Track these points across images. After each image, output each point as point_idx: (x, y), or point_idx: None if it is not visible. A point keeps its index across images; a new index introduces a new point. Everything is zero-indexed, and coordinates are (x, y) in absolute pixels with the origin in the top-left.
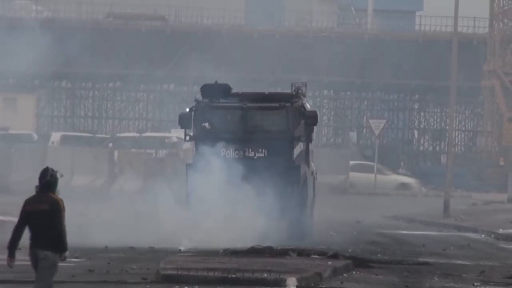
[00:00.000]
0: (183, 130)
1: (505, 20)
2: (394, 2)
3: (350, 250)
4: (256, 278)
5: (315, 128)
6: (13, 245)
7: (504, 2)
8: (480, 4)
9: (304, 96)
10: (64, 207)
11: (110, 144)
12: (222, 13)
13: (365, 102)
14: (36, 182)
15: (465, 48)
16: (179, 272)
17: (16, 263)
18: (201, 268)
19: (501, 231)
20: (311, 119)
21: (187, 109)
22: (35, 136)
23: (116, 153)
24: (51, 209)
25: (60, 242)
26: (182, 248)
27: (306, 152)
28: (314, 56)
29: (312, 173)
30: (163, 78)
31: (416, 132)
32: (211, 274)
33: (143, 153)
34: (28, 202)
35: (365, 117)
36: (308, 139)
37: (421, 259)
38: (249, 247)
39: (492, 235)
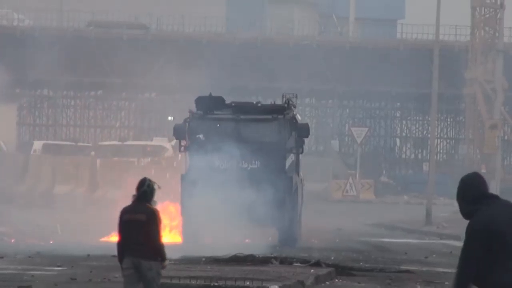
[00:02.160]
0: (177, 140)
1: (487, 28)
2: (375, 10)
3: (332, 258)
4: (238, 286)
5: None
6: (122, 256)
7: (485, 10)
8: (461, 12)
9: (294, 107)
10: (160, 218)
11: (92, 153)
12: (203, 21)
13: (347, 110)
14: (15, 190)
15: (446, 56)
16: (161, 281)
17: None
18: (184, 276)
19: None
20: (303, 131)
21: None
22: (3, 146)
23: (98, 161)
24: (148, 219)
25: (159, 251)
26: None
27: (297, 162)
28: (295, 64)
29: (301, 181)
30: (145, 86)
31: (398, 140)
32: (193, 282)
33: (125, 161)
34: (125, 212)
35: (347, 125)
36: (299, 150)
37: (403, 267)
38: (231, 255)
39: None
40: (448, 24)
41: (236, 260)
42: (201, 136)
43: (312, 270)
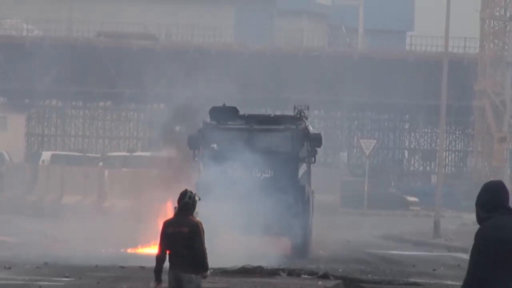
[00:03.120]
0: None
1: (496, 41)
2: (384, 22)
3: (340, 270)
4: None
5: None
6: (159, 270)
7: (495, 22)
8: (470, 24)
9: (306, 118)
10: (203, 230)
11: (101, 163)
12: (212, 32)
13: (356, 122)
14: (25, 199)
15: (455, 68)
16: None
17: (3, 282)
18: None
19: None
20: (316, 141)
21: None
22: (6, 156)
23: (106, 172)
24: (191, 232)
25: (202, 263)
26: None
27: (309, 173)
28: (304, 75)
29: (312, 192)
30: (154, 97)
31: (406, 152)
32: None
33: (133, 172)
34: (168, 225)
35: (355, 137)
36: (311, 160)
37: (411, 280)
38: (239, 267)
39: None
40: (457, 36)
41: (244, 271)
42: (214, 145)
43: (320, 282)
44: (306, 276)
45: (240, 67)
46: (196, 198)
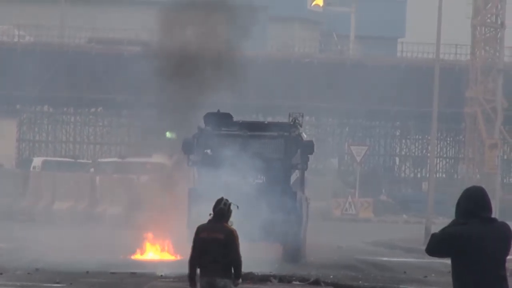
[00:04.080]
0: (186, 155)
1: (487, 48)
2: (376, 28)
3: (331, 276)
4: None
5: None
6: (194, 275)
7: (486, 29)
8: (462, 31)
9: (300, 125)
10: (238, 237)
11: (92, 169)
12: (204, 39)
13: (347, 129)
14: (16, 205)
15: (447, 75)
16: None
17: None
18: None
19: None
20: (308, 148)
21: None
22: None
23: (97, 178)
24: (226, 238)
25: (236, 270)
26: (163, 274)
27: (302, 179)
28: (296, 82)
29: (306, 199)
30: (145, 103)
31: (397, 159)
32: None
33: (125, 178)
34: (202, 230)
35: (346, 144)
36: (304, 167)
37: (402, 286)
38: None
39: None
40: (448, 43)
41: None
42: (208, 151)
43: None
44: (297, 283)
45: (232, 74)
46: (232, 208)
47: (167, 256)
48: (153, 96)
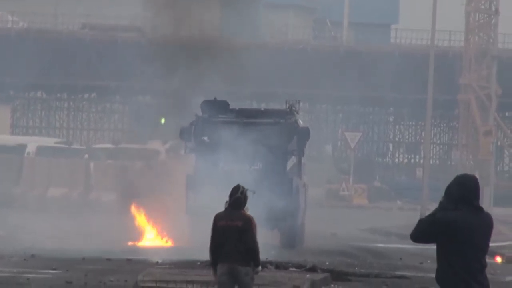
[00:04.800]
0: (184, 141)
1: (481, 34)
2: (369, 15)
3: (327, 263)
4: None
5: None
6: (216, 262)
7: (480, 16)
8: (455, 17)
9: (297, 112)
10: (255, 224)
11: (86, 156)
12: (198, 25)
13: (340, 115)
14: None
15: (440, 61)
16: (157, 285)
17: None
18: (180, 280)
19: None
20: (303, 134)
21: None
22: None
23: (92, 164)
24: (244, 226)
25: (254, 258)
26: (160, 260)
27: (299, 166)
28: (289, 69)
29: (304, 185)
30: (139, 90)
31: (391, 145)
32: (190, 286)
33: (119, 164)
34: (220, 218)
35: (340, 130)
36: (301, 153)
37: (398, 273)
38: None
39: None
40: (442, 30)
41: None
42: (205, 138)
43: (308, 275)
44: (294, 269)
45: (225, 61)
46: (248, 194)
47: (163, 243)
48: (147, 82)
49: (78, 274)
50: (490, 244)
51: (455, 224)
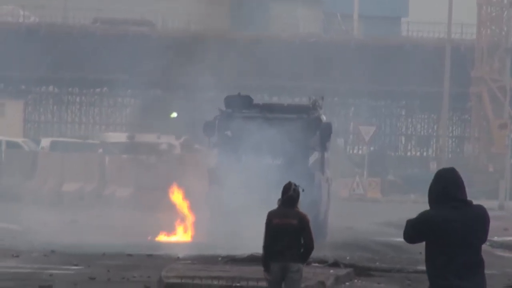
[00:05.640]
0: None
1: (493, 27)
2: (379, 8)
3: (347, 257)
4: (261, 286)
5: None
6: (267, 260)
7: (492, 8)
8: (467, 10)
9: (320, 108)
10: (309, 220)
11: (100, 150)
12: (208, 19)
13: (352, 109)
14: (24, 187)
15: (453, 54)
16: (183, 281)
17: (13, 270)
18: (205, 276)
19: (496, 238)
20: (326, 130)
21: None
22: (23, 145)
23: (107, 158)
24: (299, 223)
25: (307, 254)
26: (180, 256)
27: (321, 161)
28: (300, 62)
29: (327, 180)
30: (150, 84)
31: (403, 138)
32: (215, 282)
33: (134, 159)
34: (274, 216)
35: (351, 124)
36: (323, 149)
37: (420, 267)
38: (248, 255)
39: (488, 243)
40: (454, 22)
41: (253, 259)
42: (229, 133)
43: (331, 271)
44: (317, 264)
45: (236, 54)
46: (300, 190)
47: (182, 237)
48: (158, 76)
49: (100, 270)
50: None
51: (431, 221)
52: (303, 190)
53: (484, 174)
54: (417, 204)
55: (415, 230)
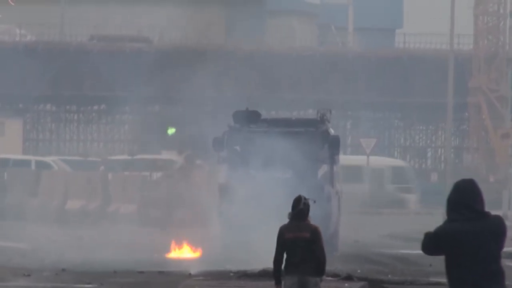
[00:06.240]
0: (216, 152)
1: (490, 37)
2: (373, 19)
3: (358, 270)
4: None
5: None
6: (279, 274)
7: (488, 18)
8: (463, 21)
9: (328, 121)
10: (321, 233)
11: (102, 167)
12: (204, 33)
13: (350, 121)
14: (28, 205)
15: (450, 64)
16: None
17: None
18: None
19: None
20: (334, 143)
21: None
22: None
23: (110, 176)
24: (312, 237)
25: (323, 267)
26: (192, 272)
27: (331, 174)
28: (297, 75)
29: (337, 193)
30: (148, 100)
31: (401, 150)
32: None
33: (137, 176)
34: (286, 230)
35: (350, 136)
36: (332, 162)
37: (432, 279)
38: (260, 270)
39: None
40: (450, 33)
41: (265, 274)
42: (238, 148)
43: (346, 284)
44: (330, 278)
45: (234, 68)
46: (311, 202)
47: (190, 254)
48: (156, 92)
49: None
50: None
51: (447, 235)
52: (314, 202)
53: (485, 185)
54: (420, 215)
55: (432, 243)
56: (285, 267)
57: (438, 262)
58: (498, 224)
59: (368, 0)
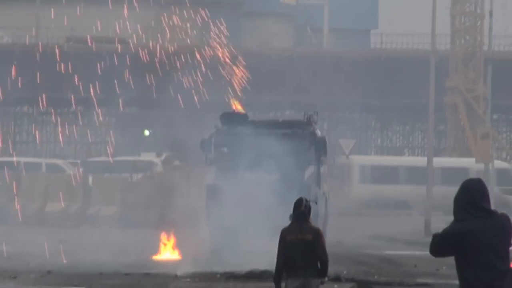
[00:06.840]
0: (204, 153)
1: (467, 37)
2: (348, 20)
3: (344, 272)
4: None
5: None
6: (280, 277)
7: (465, 18)
8: (439, 21)
9: (315, 123)
10: (323, 234)
11: (81, 169)
12: (181, 35)
13: (326, 122)
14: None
15: (425, 64)
16: None
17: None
18: None
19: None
20: (320, 144)
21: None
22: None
23: (90, 178)
24: (314, 238)
25: (324, 268)
26: (178, 273)
27: (317, 174)
28: (276, 77)
29: (324, 193)
30: (126, 101)
31: (378, 151)
32: None
33: (118, 177)
34: (288, 233)
35: (327, 138)
36: (319, 163)
37: (419, 280)
38: (247, 271)
39: None
40: (427, 33)
41: (252, 276)
42: (225, 149)
43: (335, 285)
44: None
45: (211, 70)
46: (311, 205)
47: (173, 255)
48: (134, 93)
49: None
50: None
51: (458, 235)
52: (316, 203)
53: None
54: (400, 216)
55: (442, 244)
56: (286, 269)
57: (422, 263)
58: (506, 222)
59: (343, 1)
